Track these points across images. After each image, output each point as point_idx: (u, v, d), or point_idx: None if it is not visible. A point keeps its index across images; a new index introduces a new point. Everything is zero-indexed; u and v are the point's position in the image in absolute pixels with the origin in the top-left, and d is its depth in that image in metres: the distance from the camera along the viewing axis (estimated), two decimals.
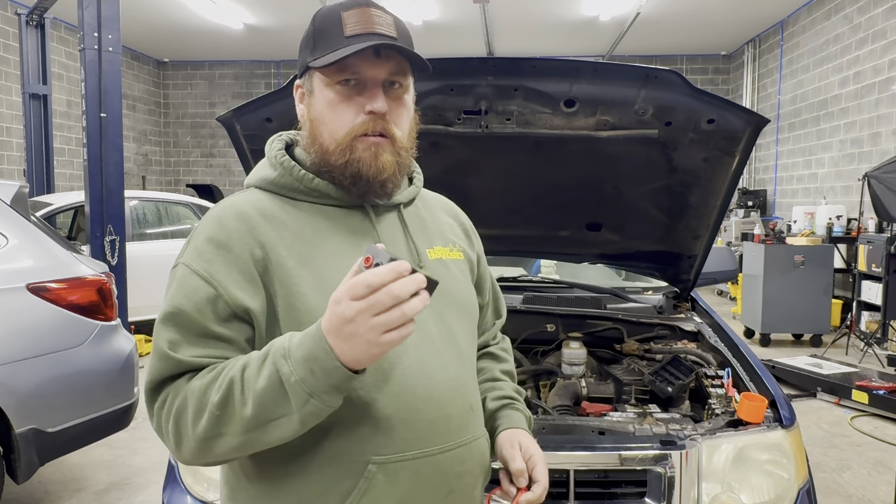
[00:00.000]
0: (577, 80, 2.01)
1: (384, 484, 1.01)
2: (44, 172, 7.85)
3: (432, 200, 1.30)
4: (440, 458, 1.05)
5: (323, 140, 1.08)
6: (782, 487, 1.73)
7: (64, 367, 2.93)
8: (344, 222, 1.10)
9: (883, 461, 3.90)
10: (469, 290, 1.24)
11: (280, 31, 11.23)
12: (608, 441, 1.76)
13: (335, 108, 1.06)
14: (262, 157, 1.20)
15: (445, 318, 1.12)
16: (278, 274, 1.02)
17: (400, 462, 1.02)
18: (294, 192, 1.11)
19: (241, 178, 1.27)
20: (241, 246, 1.03)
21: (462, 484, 1.10)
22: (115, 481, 3.58)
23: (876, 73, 7.79)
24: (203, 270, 1.01)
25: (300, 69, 1.13)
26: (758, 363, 2.15)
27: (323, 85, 1.07)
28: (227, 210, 1.08)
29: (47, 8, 7.44)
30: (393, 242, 1.12)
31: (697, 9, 9.98)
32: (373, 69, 1.04)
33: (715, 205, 2.33)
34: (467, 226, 1.33)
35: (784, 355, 5.94)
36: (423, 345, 1.06)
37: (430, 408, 1.04)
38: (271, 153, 1.15)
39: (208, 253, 1.03)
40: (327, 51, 1.04)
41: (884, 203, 5.92)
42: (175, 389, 0.99)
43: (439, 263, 1.17)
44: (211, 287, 1.00)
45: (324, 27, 1.07)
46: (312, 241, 1.06)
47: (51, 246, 3.10)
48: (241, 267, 1.02)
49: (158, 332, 1.02)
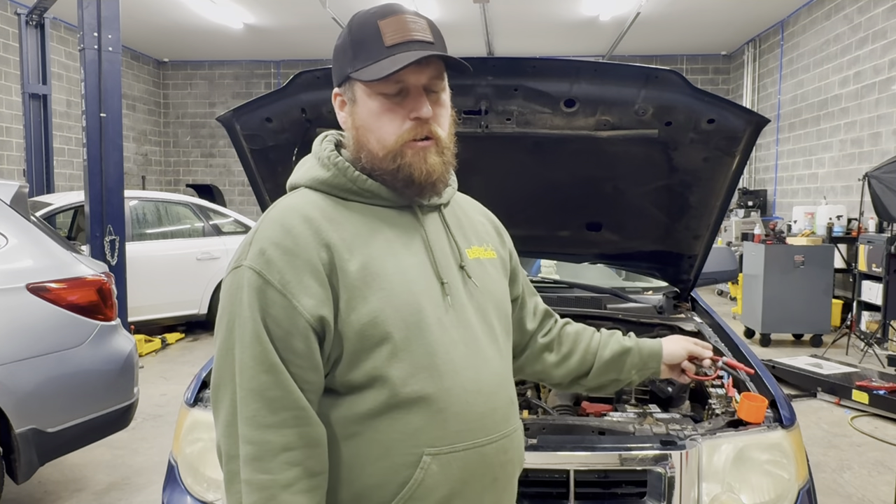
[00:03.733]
0: (577, 80, 2.01)
1: (438, 474, 1.05)
2: (44, 172, 7.85)
3: (463, 202, 1.35)
4: (487, 449, 1.10)
5: (371, 147, 1.11)
6: (782, 487, 1.73)
7: (64, 368, 2.93)
8: (394, 221, 1.14)
9: (883, 461, 3.90)
10: (503, 288, 1.28)
11: (280, 31, 11.22)
12: (608, 441, 1.76)
13: (381, 116, 1.09)
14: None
15: (486, 315, 1.18)
16: (343, 278, 1.05)
17: (452, 453, 1.06)
18: (347, 193, 1.13)
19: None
20: (309, 250, 1.04)
21: (505, 472, 1.15)
22: (115, 481, 3.58)
23: (876, 73, 7.79)
24: (277, 281, 1.02)
25: (339, 78, 1.14)
26: (758, 363, 2.15)
27: (366, 95, 1.10)
28: (289, 213, 1.08)
29: (47, 8, 7.43)
30: (437, 241, 1.16)
31: (697, 9, 9.98)
32: (415, 76, 1.07)
33: (715, 205, 2.33)
34: (498, 225, 1.40)
35: (784, 355, 5.94)
36: (471, 341, 1.12)
37: (479, 401, 1.10)
38: (323, 154, 1.16)
39: (278, 261, 1.02)
40: (369, 61, 1.07)
41: (884, 203, 5.92)
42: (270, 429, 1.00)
43: (476, 263, 1.22)
44: (286, 298, 1.01)
45: (362, 37, 1.09)
46: (368, 239, 1.09)
47: (51, 246, 3.10)
48: (313, 271, 1.03)
49: (245, 346, 1.02)
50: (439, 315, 1.09)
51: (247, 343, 1.01)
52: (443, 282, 1.12)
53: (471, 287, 1.17)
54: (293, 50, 12.51)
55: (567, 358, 1.44)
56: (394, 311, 1.05)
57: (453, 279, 1.14)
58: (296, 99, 2.03)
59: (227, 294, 1.05)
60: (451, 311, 1.11)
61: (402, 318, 1.05)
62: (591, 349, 1.45)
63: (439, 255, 1.15)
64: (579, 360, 1.44)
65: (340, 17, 9.85)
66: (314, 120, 2.11)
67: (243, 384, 1.01)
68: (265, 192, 2.35)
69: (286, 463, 0.99)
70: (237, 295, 1.03)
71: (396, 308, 1.05)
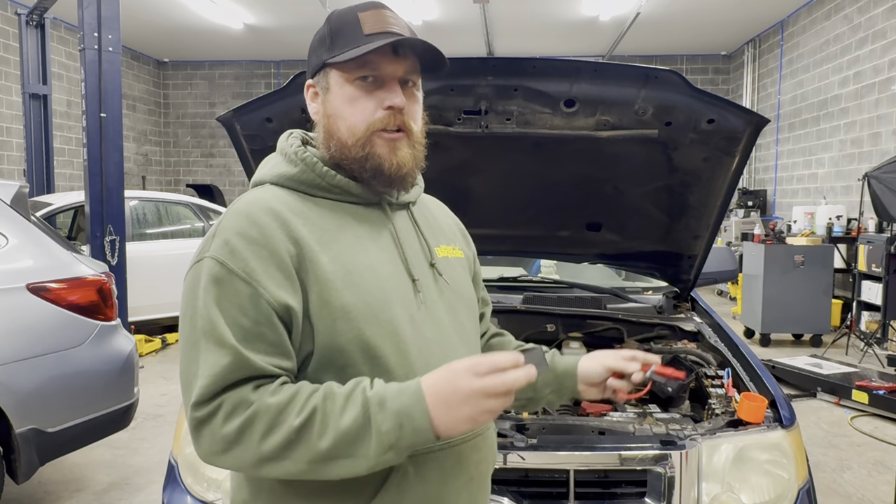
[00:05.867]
0: (577, 80, 2.01)
1: (414, 475, 1.05)
2: (44, 172, 7.84)
3: (430, 202, 1.34)
4: (462, 448, 1.10)
5: (341, 135, 1.10)
6: (782, 487, 1.73)
7: (64, 367, 2.93)
8: (363, 218, 1.13)
9: (883, 461, 3.90)
10: (470, 286, 1.29)
11: (280, 31, 11.22)
12: (608, 441, 1.76)
13: (354, 102, 1.09)
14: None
15: (457, 313, 1.18)
16: (312, 270, 1.03)
17: (428, 454, 1.06)
18: (314, 189, 1.12)
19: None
20: (275, 242, 1.02)
21: (479, 471, 1.15)
22: (115, 481, 3.58)
23: (876, 73, 7.79)
24: (241, 270, 0.99)
25: (313, 69, 1.14)
26: (758, 363, 2.15)
27: (341, 81, 1.10)
28: (255, 205, 1.06)
29: (47, 8, 7.43)
30: (407, 239, 1.16)
31: (697, 9, 9.98)
32: (391, 66, 1.08)
33: (715, 205, 2.33)
34: (462, 227, 1.40)
35: (784, 355, 5.94)
36: (443, 340, 1.12)
37: None
38: (289, 150, 1.15)
39: (243, 250, 1.00)
40: (346, 48, 1.07)
41: (884, 203, 5.92)
42: (239, 397, 0.95)
43: (445, 261, 1.22)
44: (251, 287, 0.98)
45: (341, 26, 1.10)
46: (337, 235, 1.08)
47: (51, 246, 3.10)
48: (279, 264, 1.01)
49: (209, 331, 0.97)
50: (411, 312, 1.09)
51: (204, 334, 0.98)
52: (414, 279, 1.12)
53: (441, 285, 1.17)
54: (293, 50, 12.51)
55: None
56: (365, 307, 1.03)
57: (424, 276, 1.14)
58: (296, 99, 2.03)
59: (187, 288, 1.03)
60: (423, 309, 1.11)
61: (373, 315, 1.04)
62: None
63: (409, 252, 1.14)
64: None
65: None
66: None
67: (196, 375, 0.97)
68: None
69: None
70: (197, 288, 1.00)
71: (368, 304, 1.04)
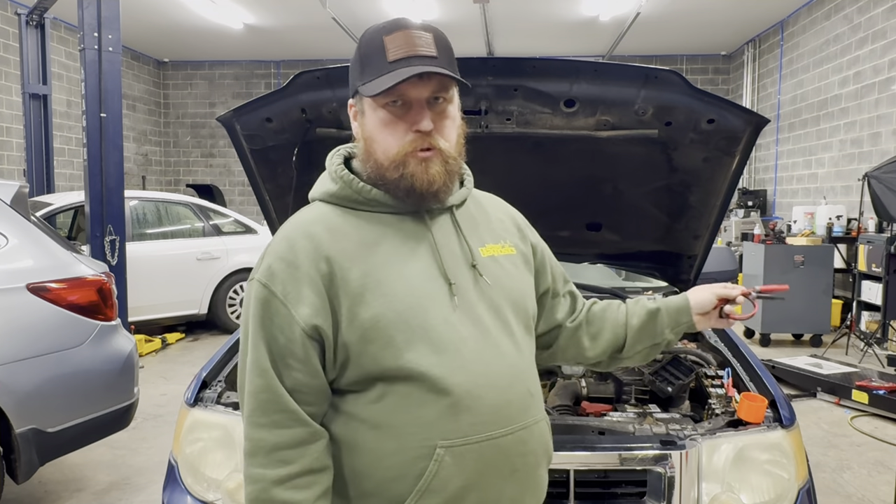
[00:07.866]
0: (577, 81, 2.01)
1: (452, 466, 1.09)
2: (44, 172, 7.84)
3: (484, 199, 1.37)
4: (503, 441, 1.13)
5: (377, 157, 1.16)
6: (782, 487, 1.73)
7: (64, 367, 2.93)
8: (401, 227, 1.19)
9: (883, 461, 3.90)
10: (523, 283, 1.30)
11: (280, 31, 11.21)
12: (608, 441, 1.76)
13: (385, 128, 1.15)
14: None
15: (500, 310, 1.20)
16: (343, 286, 1.11)
17: (466, 445, 1.10)
18: (354, 203, 1.20)
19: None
20: (308, 263, 1.12)
21: (525, 463, 1.18)
22: (115, 481, 3.58)
23: (876, 73, 7.79)
24: (280, 293, 1.11)
25: (351, 91, 1.21)
26: (758, 363, 2.15)
27: (374, 106, 1.15)
28: (295, 230, 1.17)
29: (47, 8, 7.43)
30: (446, 244, 1.19)
31: (697, 9, 9.98)
32: (416, 90, 1.12)
33: (715, 205, 2.33)
34: (519, 220, 1.40)
35: (784, 355, 5.94)
36: (481, 337, 1.15)
37: (492, 394, 1.13)
38: (331, 168, 1.23)
39: (280, 273, 1.12)
40: (373, 76, 1.12)
41: (884, 203, 5.91)
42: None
43: (491, 260, 1.24)
44: (286, 307, 1.10)
45: (368, 52, 1.15)
46: (373, 248, 1.15)
47: (51, 246, 3.10)
48: (310, 283, 1.11)
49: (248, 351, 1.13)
50: (446, 315, 1.13)
51: (249, 349, 1.12)
52: (451, 283, 1.16)
53: (482, 285, 1.20)
54: (293, 50, 12.51)
55: (598, 336, 1.44)
56: (396, 315, 1.10)
57: (462, 279, 1.18)
58: (296, 99, 2.04)
59: (244, 304, 1.18)
60: (459, 311, 1.15)
61: (404, 321, 1.10)
62: (619, 322, 1.44)
63: (447, 257, 1.18)
64: (611, 335, 1.44)
65: (340, 17, 9.85)
66: (314, 120, 2.11)
67: (244, 386, 1.13)
68: (265, 193, 2.35)
69: (278, 461, 1.08)
70: (248, 305, 1.15)
71: (398, 312, 1.10)
